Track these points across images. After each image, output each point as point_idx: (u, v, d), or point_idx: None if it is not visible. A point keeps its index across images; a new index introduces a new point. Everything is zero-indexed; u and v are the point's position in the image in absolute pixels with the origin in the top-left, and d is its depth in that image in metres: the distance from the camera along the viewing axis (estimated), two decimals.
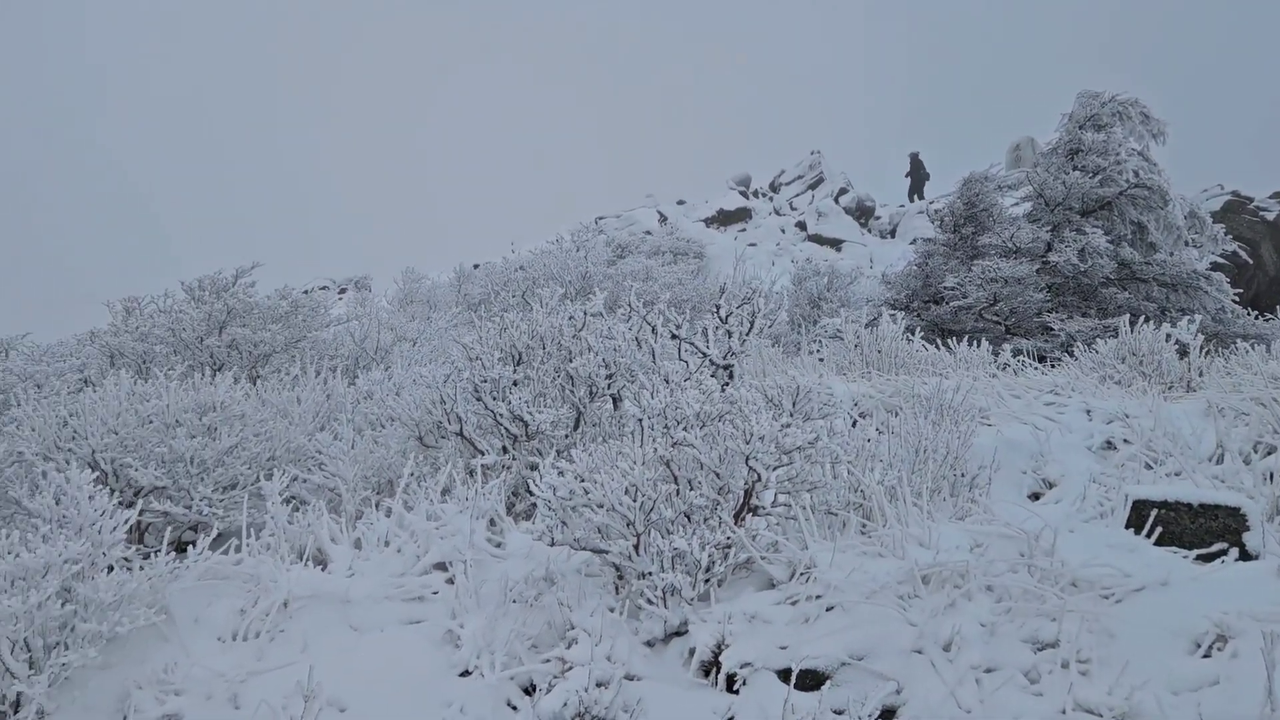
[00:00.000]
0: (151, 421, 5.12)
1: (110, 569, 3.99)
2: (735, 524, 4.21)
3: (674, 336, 6.52)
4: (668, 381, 5.50)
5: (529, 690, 3.85)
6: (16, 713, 3.67)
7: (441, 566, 4.70)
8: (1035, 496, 5.76)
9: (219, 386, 5.49)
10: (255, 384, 7.35)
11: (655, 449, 4.29)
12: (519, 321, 6.17)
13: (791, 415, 5.18)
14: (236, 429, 5.34)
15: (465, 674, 3.93)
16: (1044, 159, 13.37)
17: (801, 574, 4.08)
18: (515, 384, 5.98)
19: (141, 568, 4.12)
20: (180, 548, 4.58)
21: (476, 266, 19.02)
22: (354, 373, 9.29)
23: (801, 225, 25.99)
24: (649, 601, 3.96)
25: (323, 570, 4.61)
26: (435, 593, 4.48)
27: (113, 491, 4.74)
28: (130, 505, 4.60)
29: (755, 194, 29.38)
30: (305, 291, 12.13)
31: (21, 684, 3.58)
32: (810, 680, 3.44)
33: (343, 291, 23.64)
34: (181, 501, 5.07)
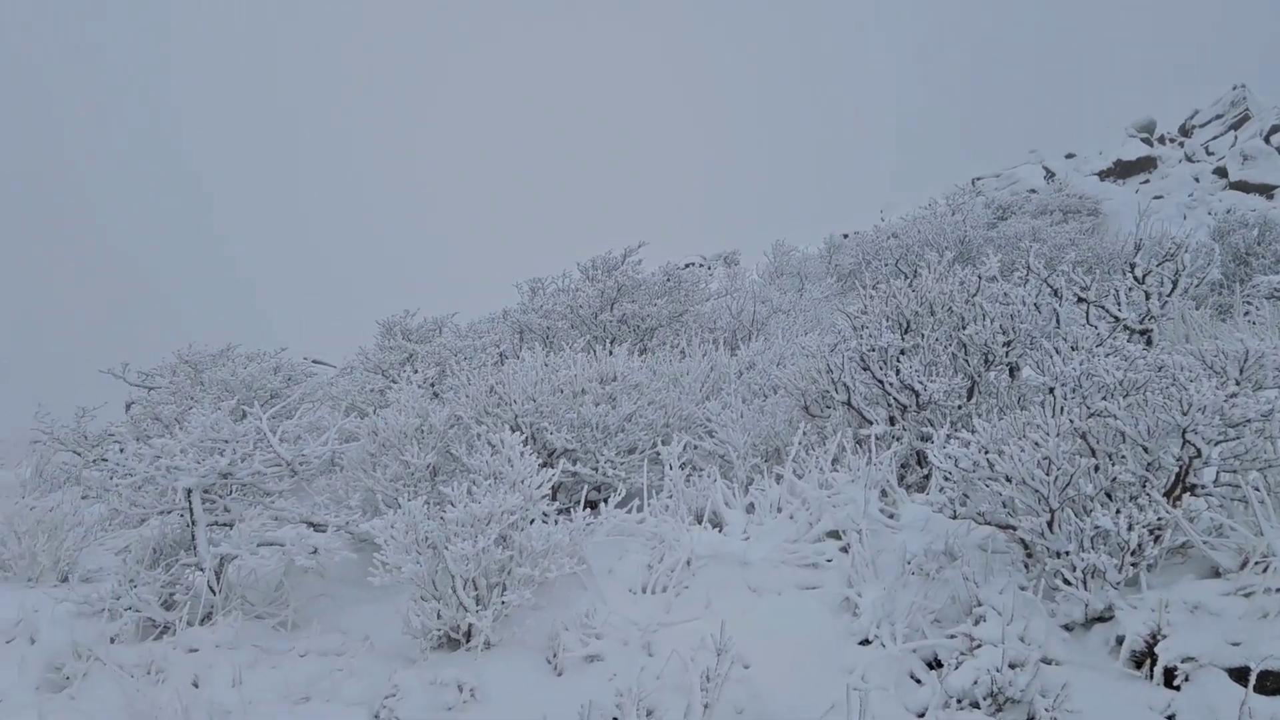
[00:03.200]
0: (562, 390, 6.09)
1: (533, 522, 4.82)
2: (1169, 504, 3.91)
3: (1080, 300, 6.10)
4: (1075, 348, 5.20)
5: (933, 664, 3.99)
6: (468, 641, 4.62)
7: (834, 535, 4.99)
8: None
9: (617, 358, 6.32)
10: (643, 355, 8.26)
11: (1070, 420, 4.12)
12: (906, 288, 6.21)
13: (1239, 384, 4.62)
14: (634, 397, 6.13)
15: (865, 642, 4.18)
16: None
17: (1257, 563, 3.69)
18: (903, 353, 6.04)
19: (556, 522, 4.93)
20: (587, 505, 5.37)
21: (846, 236, 19.15)
22: (733, 344, 9.93)
23: (1221, 172, 22.79)
24: (1065, 582, 3.86)
25: (719, 532, 5.12)
26: (829, 560, 4.78)
27: (532, 453, 5.73)
28: (546, 465, 5.52)
29: (1161, 140, 26.24)
30: (683, 266, 13.16)
31: (472, 616, 4.48)
32: (1272, 683, 3.15)
33: (711, 268, 24.98)
34: (589, 463, 5.95)
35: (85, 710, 4.44)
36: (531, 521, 4.88)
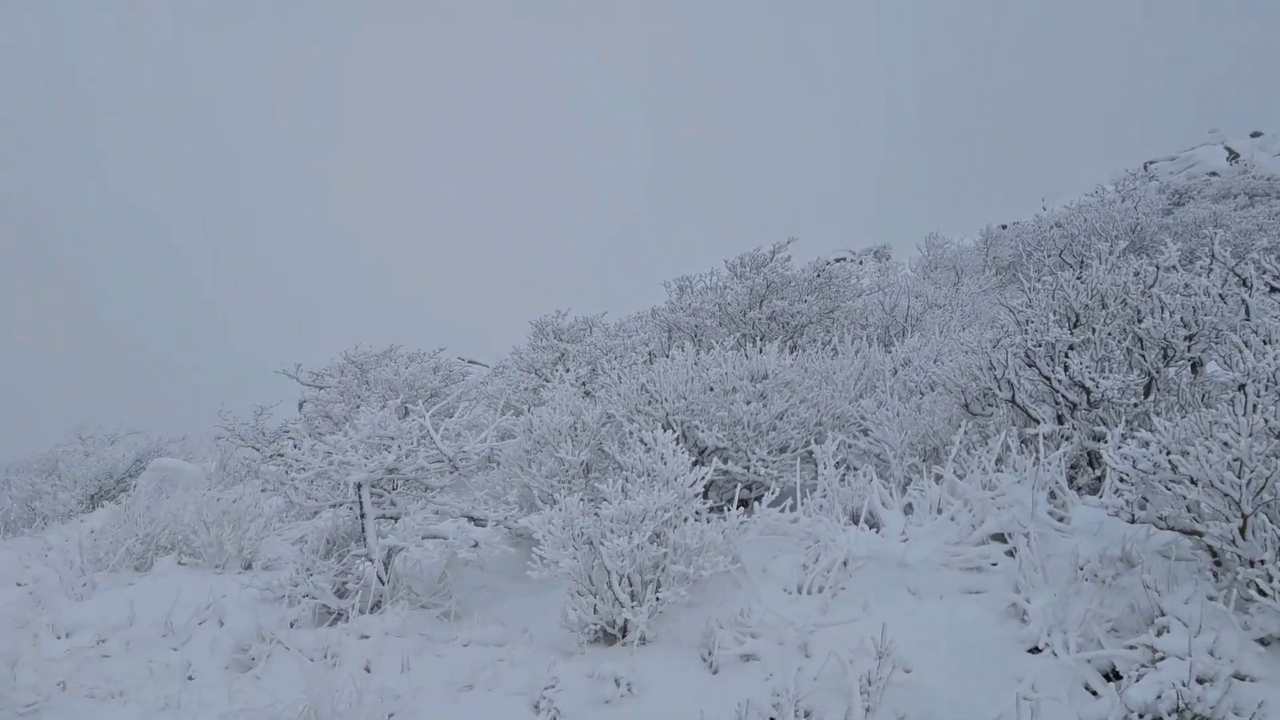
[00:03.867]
0: (712, 389, 6.14)
1: (687, 520, 4.87)
2: None
3: (1273, 290, 5.66)
4: (1268, 342, 4.83)
5: (1109, 676, 3.82)
6: (624, 636, 4.72)
7: (1000, 537, 4.84)
8: None
9: (768, 355, 6.31)
10: (793, 353, 8.20)
11: (1264, 419, 3.84)
12: (1074, 280, 5.92)
13: None
14: (786, 395, 6.11)
15: (1034, 650, 4.07)
16: None
17: None
18: (1072, 348, 5.76)
19: (709, 520, 4.97)
20: (737, 504, 5.38)
21: (1004, 227, 18.40)
22: (886, 340, 9.72)
23: None
24: (1261, 593, 3.60)
25: (876, 533, 5.04)
26: (994, 564, 4.65)
27: (684, 451, 5.79)
28: (698, 463, 5.57)
29: None
30: (832, 261, 12.98)
31: (628, 611, 4.58)
32: None
33: (861, 261, 24.55)
34: (740, 462, 5.97)
35: (270, 689, 4.80)
36: (685, 519, 4.95)
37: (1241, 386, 4.59)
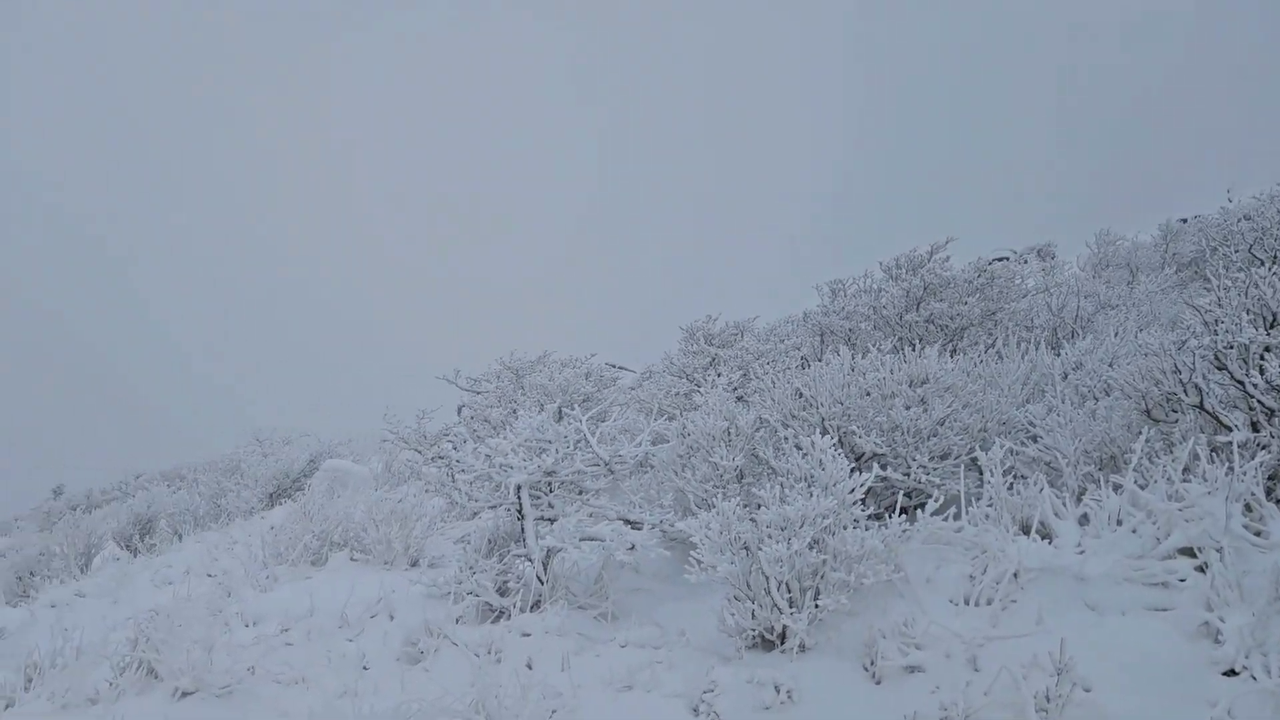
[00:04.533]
0: (869, 393, 6.04)
1: (846, 527, 4.82)
2: None
3: None
4: None
5: None
6: (783, 642, 4.72)
7: (1188, 552, 4.57)
8: None
9: (928, 359, 6.16)
10: (953, 357, 7.96)
11: None
12: (1270, 276, 5.51)
13: None
14: (947, 400, 5.95)
15: (1230, 673, 3.81)
16: None
17: None
18: (1269, 349, 5.35)
19: (867, 527, 4.90)
20: (898, 512, 5.28)
21: (1184, 221, 17.17)
22: (1054, 343, 9.30)
23: None
24: None
25: (1048, 544, 4.85)
26: (1182, 580, 4.41)
27: (842, 456, 5.73)
28: (855, 470, 5.50)
29: None
30: (993, 261, 12.51)
31: (786, 618, 4.58)
32: None
33: (1024, 260, 23.51)
34: (900, 468, 5.85)
35: (439, 682, 5.05)
36: (845, 526, 4.90)
37: None
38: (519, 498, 6.07)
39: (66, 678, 5.42)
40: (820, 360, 7.85)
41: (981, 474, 6.09)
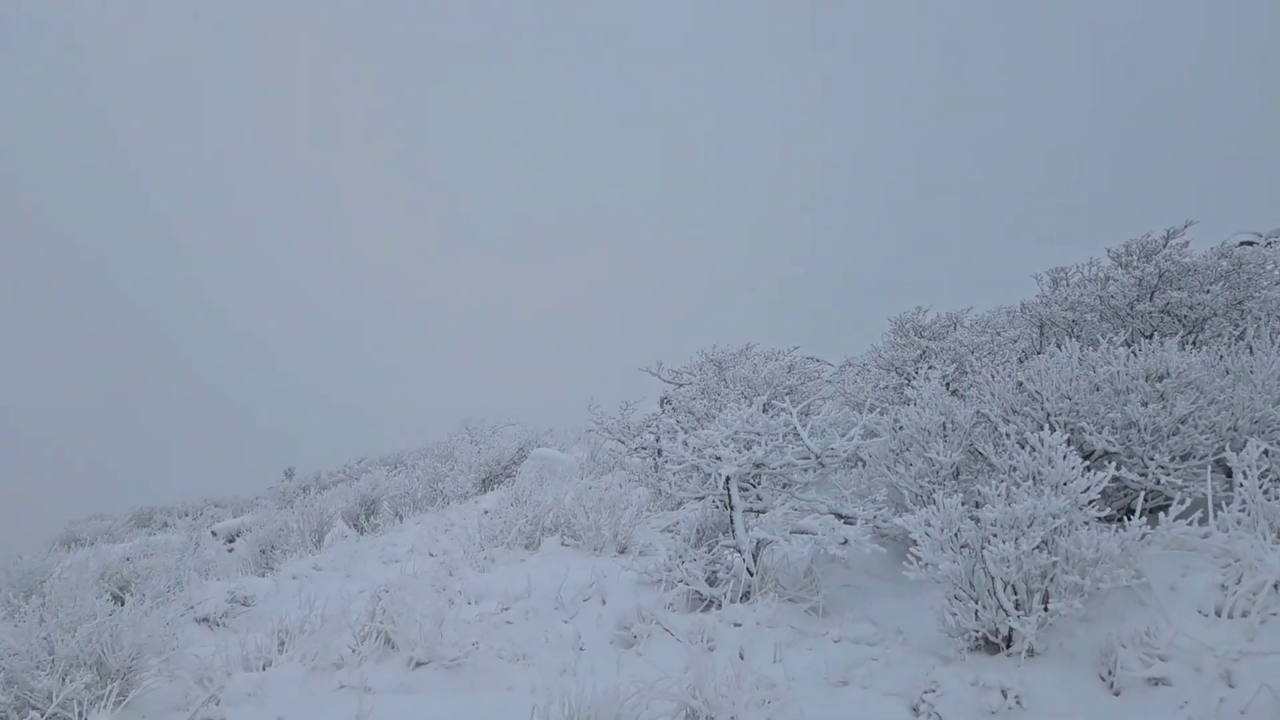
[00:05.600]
0: (1099, 388, 5.73)
1: (1078, 528, 4.62)
2: None
3: None
4: None
5: None
6: (1008, 646, 4.60)
7: None
8: None
9: (1168, 351, 5.77)
10: (1195, 349, 7.40)
11: None
12: None
13: None
14: (1191, 396, 5.55)
15: None
16: None
17: None
18: None
19: (1099, 530, 4.67)
20: (1138, 514, 4.99)
21: None
22: None
23: None
24: None
25: None
26: None
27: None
28: (1087, 469, 5.24)
29: None
30: (1241, 244, 11.49)
31: (1014, 620, 4.45)
32: None
33: (1270, 243, 21.37)
34: (1135, 468, 5.53)
35: (652, 666, 5.25)
36: (1077, 527, 4.70)
37: None
38: (728, 489, 6.18)
39: (314, 643, 6.00)
40: (1040, 353, 7.51)
41: (1230, 476, 5.66)
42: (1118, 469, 5.59)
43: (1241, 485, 5.03)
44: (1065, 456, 4.92)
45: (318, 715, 4.95)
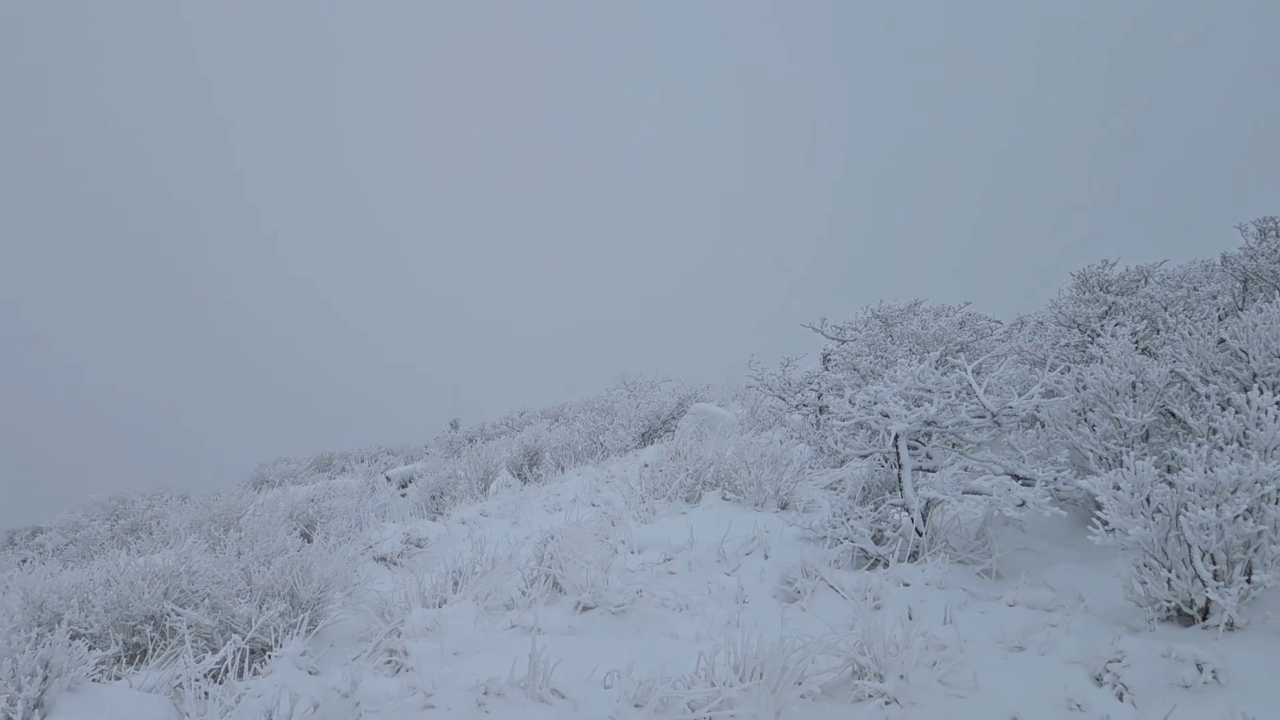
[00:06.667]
0: None
1: None
2: None
3: None
4: None
5: None
6: (1204, 618, 4.37)
7: None
8: None
9: None
10: None
11: None
12: None
13: None
14: None
15: None
16: None
17: None
18: None
19: None
20: None
21: None
22: None
23: None
24: None
25: None
26: None
27: None
28: None
29: None
30: None
31: (1212, 592, 4.21)
32: None
33: None
34: None
35: (817, 620, 5.25)
36: None
37: None
38: (896, 447, 6.08)
39: (485, 584, 6.32)
40: (1243, 310, 6.97)
41: None
42: None
43: None
44: (1276, 419, 4.58)
45: (491, 651, 5.21)
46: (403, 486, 16.65)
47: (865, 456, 6.66)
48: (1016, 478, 5.82)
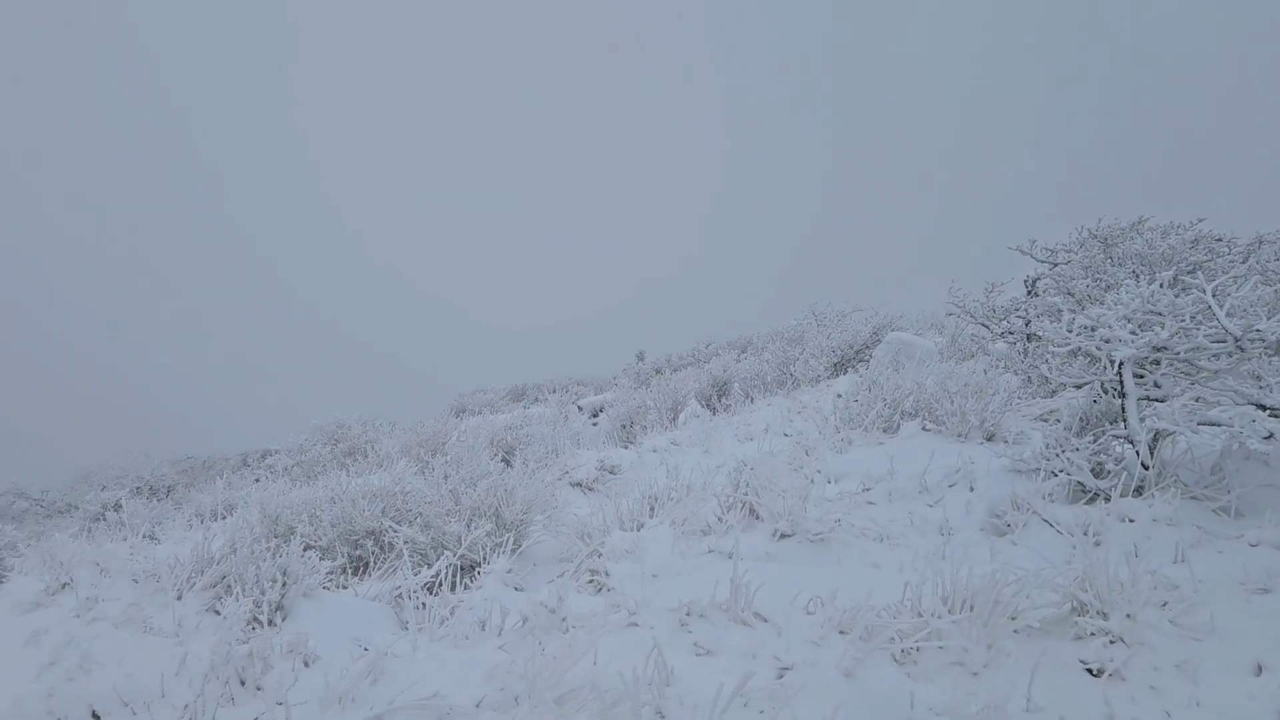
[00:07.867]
0: None
1: None
2: None
3: None
4: None
5: None
6: None
7: None
8: None
9: None
10: None
11: None
12: None
13: None
14: None
15: None
16: None
17: None
18: None
19: None
20: None
21: None
22: None
23: None
24: None
25: None
26: None
27: None
28: None
29: None
30: None
31: None
32: None
33: None
34: None
35: (1030, 554, 5.05)
36: None
37: None
38: (1120, 375, 5.69)
39: (681, 509, 6.45)
40: None
41: None
42: None
43: None
44: None
45: (689, 574, 5.33)
46: (594, 416, 17.17)
47: (1081, 386, 6.28)
48: (1263, 408, 5.34)
